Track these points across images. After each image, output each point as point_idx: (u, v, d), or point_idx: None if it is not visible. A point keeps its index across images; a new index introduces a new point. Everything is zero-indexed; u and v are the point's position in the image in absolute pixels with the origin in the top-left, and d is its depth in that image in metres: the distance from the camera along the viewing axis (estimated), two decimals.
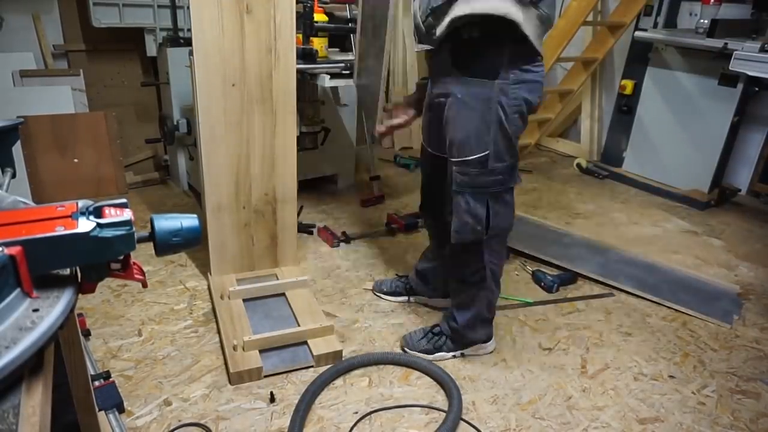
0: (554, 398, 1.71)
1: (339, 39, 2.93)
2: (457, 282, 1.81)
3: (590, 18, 3.62)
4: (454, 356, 1.87)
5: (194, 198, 3.06)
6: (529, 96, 1.54)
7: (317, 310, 1.99)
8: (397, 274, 2.29)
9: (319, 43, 2.46)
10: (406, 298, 2.16)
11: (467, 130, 1.55)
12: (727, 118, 3.13)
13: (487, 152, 1.54)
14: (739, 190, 3.42)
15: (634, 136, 3.64)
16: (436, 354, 1.86)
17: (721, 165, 3.28)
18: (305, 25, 2.46)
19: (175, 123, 2.85)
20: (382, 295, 2.19)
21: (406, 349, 1.89)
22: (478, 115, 1.53)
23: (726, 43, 2.84)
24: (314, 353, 1.78)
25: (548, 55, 3.56)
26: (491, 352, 1.90)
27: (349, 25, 2.79)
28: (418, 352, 1.86)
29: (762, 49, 2.64)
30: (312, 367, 1.77)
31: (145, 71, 3.38)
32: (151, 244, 0.71)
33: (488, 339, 1.89)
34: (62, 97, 2.91)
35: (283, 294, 2.08)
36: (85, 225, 0.62)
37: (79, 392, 0.90)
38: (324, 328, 1.85)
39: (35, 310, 0.58)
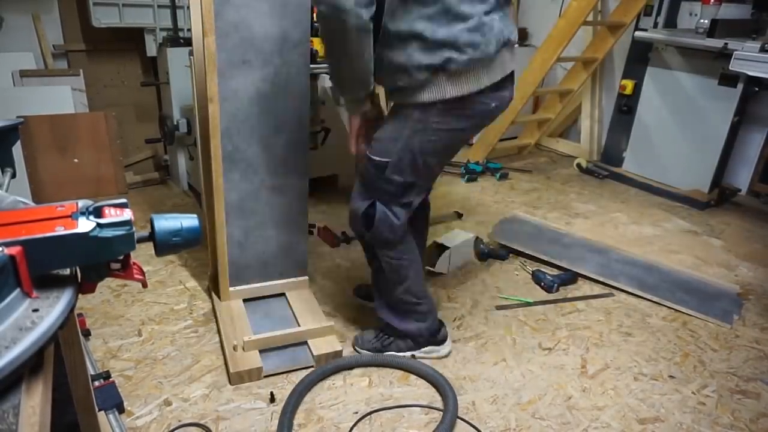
0: (554, 398, 1.71)
1: None
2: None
3: (590, 18, 3.62)
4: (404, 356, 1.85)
5: (194, 198, 3.06)
6: (453, 124, 1.50)
7: (317, 310, 1.99)
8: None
9: (319, 44, 2.46)
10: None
11: (384, 134, 1.57)
12: (727, 118, 3.13)
13: (387, 161, 1.55)
14: (739, 190, 3.42)
15: (634, 136, 3.64)
16: (386, 353, 1.84)
17: (721, 165, 3.28)
18: None
19: (175, 123, 2.85)
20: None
21: (356, 347, 1.87)
22: (394, 126, 1.54)
23: (726, 43, 2.84)
24: (314, 353, 1.78)
25: (548, 56, 3.56)
26: (445, 356, 1.86)
27: None
28: (368, 351, 1.86)
29: (762, 49, 2.64)
30: (312, 367, 1.77)
31: (145, 71, 3.38)
32: (151, 244, 0.71)
33: (432, 338, 1.83)
34: (62, 97, 2.91)
35: (283, 294, 2.08)
36: (85, 225, 0.62)
37: (79, 392, 0.90)
38: (324, 328, 1.85)
39: (35, 310, 0.58)
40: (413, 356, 1.85)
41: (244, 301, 2.01)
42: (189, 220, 0.72)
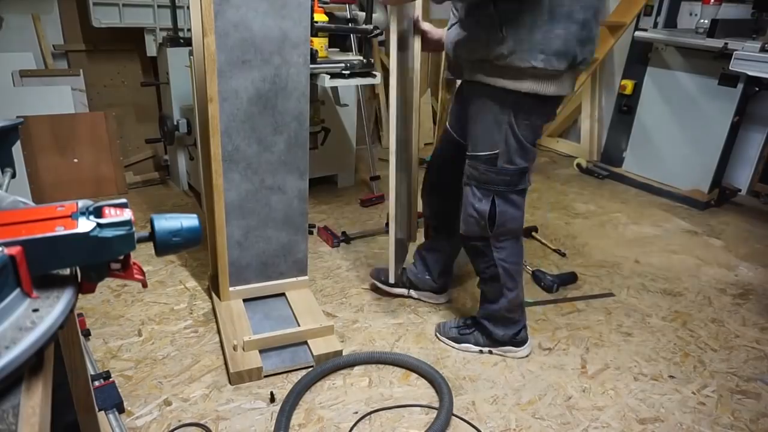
0: (554, 398, 1.71)
1: (339, 39, 2.93)
2: (478, 275, 1.85)
3: None
4: (481, 351, 1.88)
5: (194, 198, 3.06)
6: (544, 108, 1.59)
7: (317, 310, 1.99)
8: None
9: (319, 44, 2.46)
10: (405, 290, 2.17)
11: (482, 128, 1.61)
12: (727, 118, 3.13)
13: (496, 152, 1.59)
14: (739, 190, 3.42)
15: (634, 136, 3.64)
16: (463, 344, 1.90)
17: (721, 165, 3.28)
18: None
19: (175, 123, 2.85)
20: (380, 285, 2.18)
21: (437, 334, 1.95)
22: (491, 116, 1.58)
23: (726, 43, 2.83)
24: (314, 353, 1.78)
25: None
26: (524, 357, 1.88)
27: (349, 25, 2.79)
28: (447, 338, 1.93)
29: (762, 49, 2.64)
30: (312, 367, 1.77)
31: (145, 71, 3.37)
32: (151, 244, 0.71)
33: (513, 339, 1.85)
34: (62, 97, 2.91)
35: (283, 294, 2.08)
36: (85, 225, 0.62)
37: (79, 392, 0.90)
38: (324, 328, 1.85)
39: (35, 310, 0.58)
40: (490, 352, 1.88)
41: (244, 301, 2.01)
42: (189, 220, 0.72)
